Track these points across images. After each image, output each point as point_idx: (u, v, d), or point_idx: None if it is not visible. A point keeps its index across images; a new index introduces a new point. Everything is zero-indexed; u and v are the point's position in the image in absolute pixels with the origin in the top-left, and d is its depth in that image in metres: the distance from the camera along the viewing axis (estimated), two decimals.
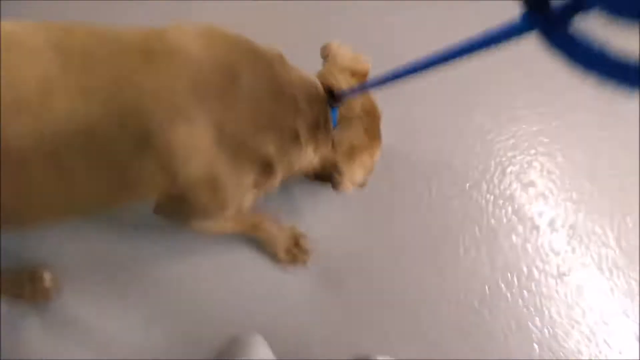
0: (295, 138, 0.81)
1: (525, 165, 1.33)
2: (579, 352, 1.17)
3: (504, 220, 1.26)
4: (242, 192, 0.82)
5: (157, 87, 0.64)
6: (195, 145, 0.68)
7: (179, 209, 0.85)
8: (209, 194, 0.76)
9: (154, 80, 0.64)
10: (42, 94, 0.57)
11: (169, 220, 0.95)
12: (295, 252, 1.14)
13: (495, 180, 1.30)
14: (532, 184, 1.31)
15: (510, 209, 1.28)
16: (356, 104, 0.94)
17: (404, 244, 1.21)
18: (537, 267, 1.23)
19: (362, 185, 1.05)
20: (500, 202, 1.28)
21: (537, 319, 1.19)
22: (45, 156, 0.59)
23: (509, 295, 1.20)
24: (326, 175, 0.95)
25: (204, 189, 0.75)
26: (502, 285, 1.21)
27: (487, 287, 1.20)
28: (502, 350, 1.15)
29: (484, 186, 1.29)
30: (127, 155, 0.65)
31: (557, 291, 1.22)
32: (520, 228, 1.26)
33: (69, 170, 0.62)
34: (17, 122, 0.56)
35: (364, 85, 0.83)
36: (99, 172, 0.65)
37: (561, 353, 1.17)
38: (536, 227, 1.27)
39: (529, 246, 1.25)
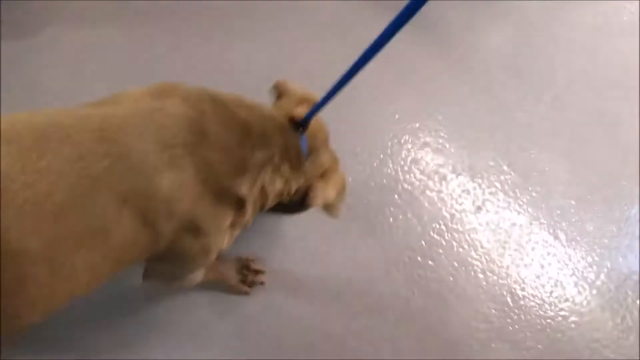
0: (267, 171, 0.84)
1: (415, 131, 1.52)
2: (515, 264, 1.34)
3: (415, 181, 1.43)
4: (223, 235, 0.84)
5: (122, 152, 0.66)
6: (173, 197, 0.70)
7: (166, 268, 0.88)
8: (193, 242, 0.78)
9: (116, 147, 0.65)
10: (2, 190, 0.57)
11: (159, 282, 0.98)
12: (250, 277, 1.20)
13: (396, 152, 1.47)
14: (426, 144, 1.50)
15: (416, 170, 1.45)
16: (319, 131, 1.00)
17: (339, 234, 1.32)
18: (456, 210, 1.40)
19: (334, 210, 1.06)
20: (406, 168, 1.44)
21: (472, 252, 1.35)
22: (14, 252, 0.58)
23: (442, 241, 1.35)
24: (297, 201, 0.99)
25: (188, 238, 0.77)
26: (435, 235, 1.36)
27: (423, 242, 1.34)
28: (455, 289, 1.28)
29: (389, 161, 1.45)
30: (107, 225, 0.65)
31: (479, 224, 1.39)
32: (430, 183, 1.43)
33: (44, 259, 0.61)
34: None
35: (318, 103, 0.85)
36: (79, 251, 0.64)
37: (502, 272, 1.33)
38: (443, 178, 1.45)
39: (443, 195, 1.42)
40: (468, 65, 1.72)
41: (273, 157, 0.85)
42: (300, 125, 0.92)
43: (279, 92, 1.05)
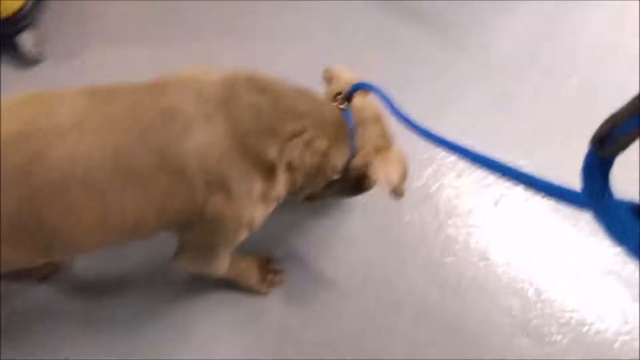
0: (297, 144, 0.88)
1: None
2: (537, 256, 1.32)
3: (430, 178, 1.44)
4: (253, 203, 0.88)
5: (168, 105, 0.77)
6: (204, 149, 0.78)
7: (199, 241, 0.92)
8: (225, 204, 0.83)
9: (164, 101, 0.78)
10: (75, 125, 0.71)
11: (189, 265, 1.01)
12: (269, 277, 1.23)
13: (410, 149, 1.46)
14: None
15: (431, 167, 1.46)
16: (367, 108, 1.02)
17: (356, 233, 1.34)
18: (474, 205, 1.40)
19: (399, 192, 1.03)
20: (422, 164, 1.45)
21: (491, 246, 1.33)
22: (81, 178, 0.70)
23: (460, 237, 1.34)
24: (353, 181, 1.01)
25: (219, 198, 0.82)
26: (452, 231, 1.35)
27: (440, 238, 1.34)
28: (474, 284, 1.27)
29: None
30: (151, 171, 0.75)
31: (498, 218, 1.38)
32: (446, 180, 1.44)
33: (101, 190, 0.73)
34: (57, 148, 0.69)
35: (365, 83, 0.96)
36: (127, 191, 0.75)
37: (524, 265, 1.30)
38: (459, 173, 1.45)
39: (460, 191, 1.42)
40: (485, 59, 1.72)
41: (304, 130, 0.88)
42: (345, 99, 0.98)
43: (329, 77, 1.11)
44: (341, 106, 0.99)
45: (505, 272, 1.30)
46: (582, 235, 1.35)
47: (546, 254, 1.33)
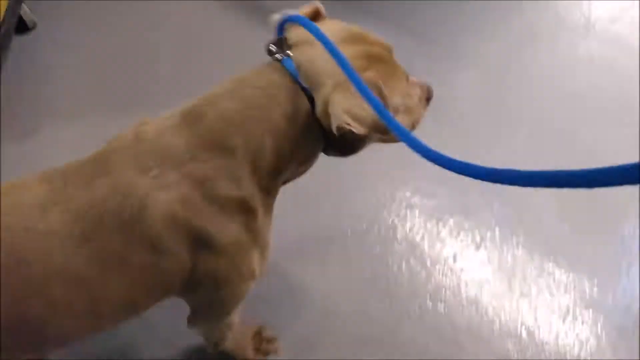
0: (261, 164, 0.76)
1: (405, 180, 1.56)
2: (524, 295, 1.34)
3: (413, 227, 1.45)
4: (245, 250, 0.80)
5: (114, 181, 0.71)
6: (171, 217, 0.71)
7: (207, 301, 0.87)
8: (217, 260, 0.77)
9: (109, 177, 0.72)
10: (41, 216, 0.67)
11: (203, 325, 0.97)
12: (263, 346, 1.17)
13: (389, 202, 1.50)
14: (417, 190, 1.53)
15: (412, 216, 1.47)
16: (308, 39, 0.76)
17: (345, 290, 1.32)
18: (457, 249, 1.42)
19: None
20: (402, 214, 1.47)
21: (479, 290, 1.34)
22: (60, 269, 0.66)
23: (448, 282, 1.35)
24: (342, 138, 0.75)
25: (208, 256, 0.76)
26: (440, 277, 1.36)
27: (429, 286, 1.34)
28: (469, 330, 1.27)
29: (383, 210, 1.48)
30: (124, 251, 0.70)
31: (481, 260, 1.41)
32: (428, 226, 1.46)
33: (83, 278, 0.68)
34: (29, 245, 0.66)
35: (291, 17, 0.77)
36: (109, 275, 0.70)
37: (513, 306, 1.32)
38: (439, 220, 1.47)
39: (442, 237, 1.44)
40: (444, 112, 1.79)
41: (253, 143, 0.75)
42: (279, 45, 0.79)
43: (272, 27, 0.85)
44: (282, 56, 0.77)
45: (496, 314, 1.31)
46: (564, 270, 1.39)
47: (533, 292, 1.35)
